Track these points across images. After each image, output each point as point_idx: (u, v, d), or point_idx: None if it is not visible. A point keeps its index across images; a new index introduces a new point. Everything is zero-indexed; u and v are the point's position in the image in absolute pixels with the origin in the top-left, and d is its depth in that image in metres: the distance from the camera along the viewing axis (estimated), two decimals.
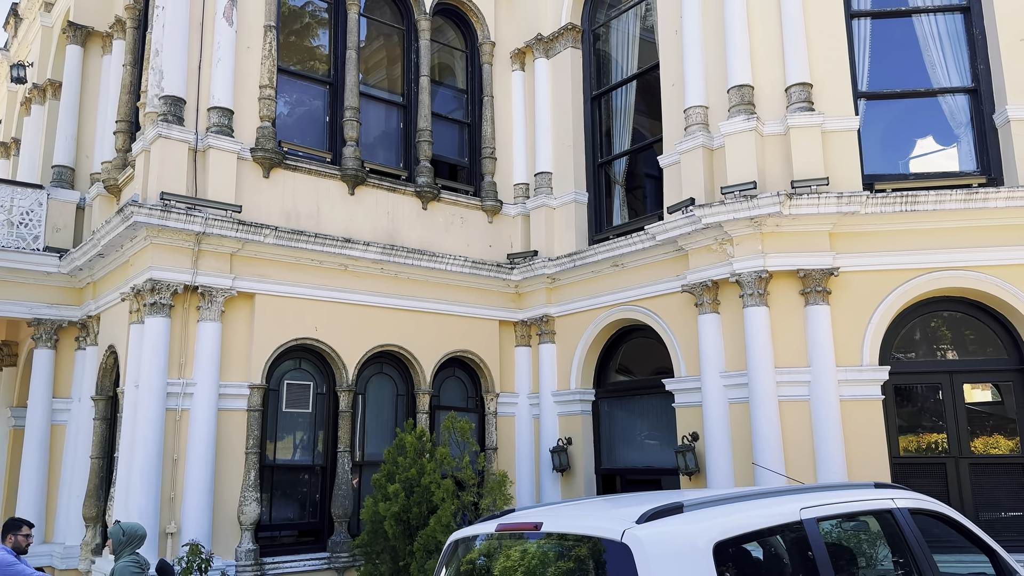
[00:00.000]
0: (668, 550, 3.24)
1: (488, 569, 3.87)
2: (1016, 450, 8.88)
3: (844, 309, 8.99)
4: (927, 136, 10.08)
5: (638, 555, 3.17)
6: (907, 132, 10.19)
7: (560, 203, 12.04)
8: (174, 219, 8.99)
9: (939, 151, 10.03)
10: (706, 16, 10.24)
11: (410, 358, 11.00)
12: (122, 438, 9.16)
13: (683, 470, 9.56)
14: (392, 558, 8.13)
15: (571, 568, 3.56)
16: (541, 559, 3.62)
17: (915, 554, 4.15)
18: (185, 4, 9.86)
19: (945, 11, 9.99)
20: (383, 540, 8.25)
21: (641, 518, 3.36)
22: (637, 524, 3.34)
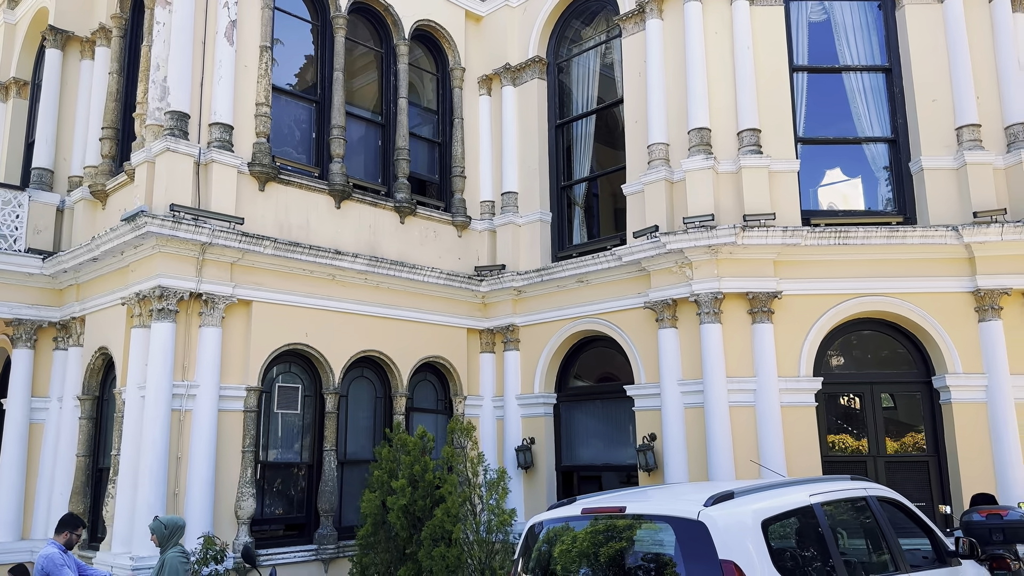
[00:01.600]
0: (731, 525, 4.32)
1: (580, 545, 4.83)
2: (922, 450, 10.49)
3: (785, 327, 10.37)
4: (855, 177, 11.65)
5: (712, 529, 4.24)
6: (838, 174, 11.72)
7: (526, 221, 13.05)
8: (184, 230, 9.52)
9: (863, 192, 11.60)
10: (667, 64, 11.47)
11: (389, 363, 11.78)
12: (125, 437, 9.59)
13: (643, 467, 10.75)
14: (395, 547, 8.93)
15: (656, 540, 4.58)
16: (628, 536, 4.63)
17: (884, 531, 5.39)
18: (189, 23, 10.35)
19: (870, 70, 11.57)
20: (385, 531, 9.04)
21: (708, 502, 4.43)
22: (706, 507, 4.40)
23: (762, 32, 11.16)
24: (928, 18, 11.19)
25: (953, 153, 10.76)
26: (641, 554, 4.62)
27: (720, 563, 4.15)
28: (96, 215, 11.53)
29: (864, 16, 11.75)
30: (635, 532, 4.69)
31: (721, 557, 4.18)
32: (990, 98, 10.92)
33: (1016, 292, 10.31)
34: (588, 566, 4.73)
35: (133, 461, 9.48)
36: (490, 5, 14.02)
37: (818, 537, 4.81)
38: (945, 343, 10.30)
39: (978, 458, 10.03)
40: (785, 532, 4.70)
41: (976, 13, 11.12)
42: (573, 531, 4.92)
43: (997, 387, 10.10)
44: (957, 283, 10.39)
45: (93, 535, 10.66)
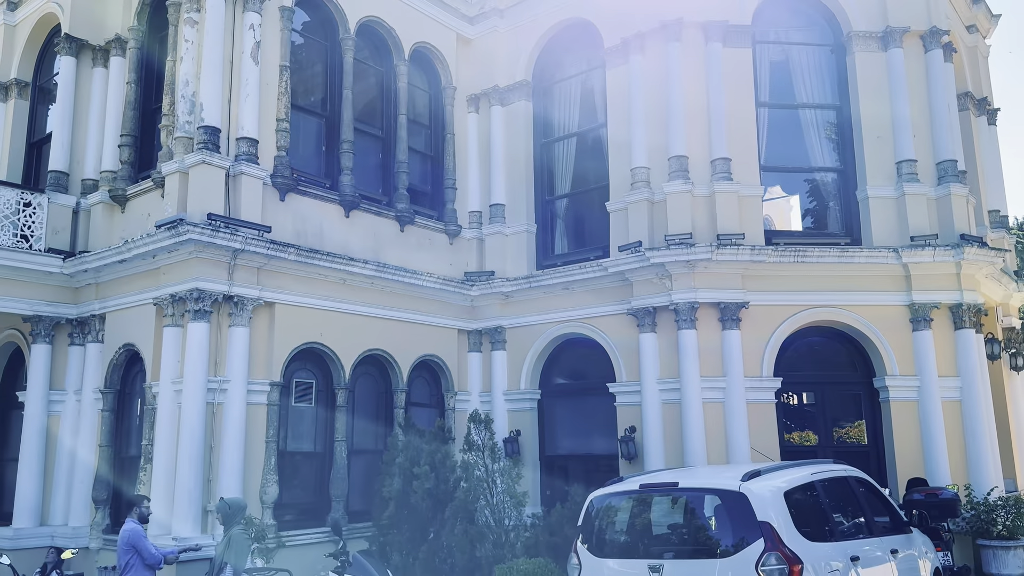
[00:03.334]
0: (764, 495, 5.63)
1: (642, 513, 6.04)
2: (864, 441, 12.13)
3: (750, 333, 11.84)
4: (810, 202, 13.21)
5: (751, 498, 5.54)
6: (792, 199, 13.27)
7: (513, 231, 14.22)
8: (220, 237, 10.34)
9: (816, 215, 13.19)
10: (648, 96, 12.78)
11: (391, 360, 12.78)
12: (158, 428, 10.35)
13: (624, 455, 12.08)
14: (418, 527, 9.98)
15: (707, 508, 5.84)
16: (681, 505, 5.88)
17: (860, 503, 6.80)
18: (219, 44, 11.12)
19: (822, 107, 13.17)
20: (407, 512, 10.09)
21: (744, 477, 5.73)
22: (743, 481, 5.70)
23: (732, 71, 12.60)
24: (874, 64, 12.82)
25: (893, 184, 12.42)
26: (693, 518, 5.87)
27: (759, 523, 5.46)
28: (114, 218, 12.15)
29: (818, 59, 13.33)
30: (686, 502, 5.95)
31: (759, 519, 5.49)
32: (924, 136, 12.62)
33: (944, 306, 12.02)
34: (649, 529, 5.95)
35: (167, 450, 10.26)
36: (479, 29, 15.10)
37: (818, 505, 6.17)
38: (885, 349, 11.94)
39: (910, 448, 11.69)
40: (797, 500, 6.00)
41: (914, 62, 12.80)
42: (633, 502, 6.14)
43: (927, 387, 11.79)
44: (896, 297, 12.04)
45: (116, 520, 11.33)
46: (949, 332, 12.06)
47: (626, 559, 5.94)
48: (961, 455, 11.71)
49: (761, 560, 5.37)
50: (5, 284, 11.56)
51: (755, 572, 5.35)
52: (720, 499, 5.78)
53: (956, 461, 11.65)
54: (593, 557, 6.14)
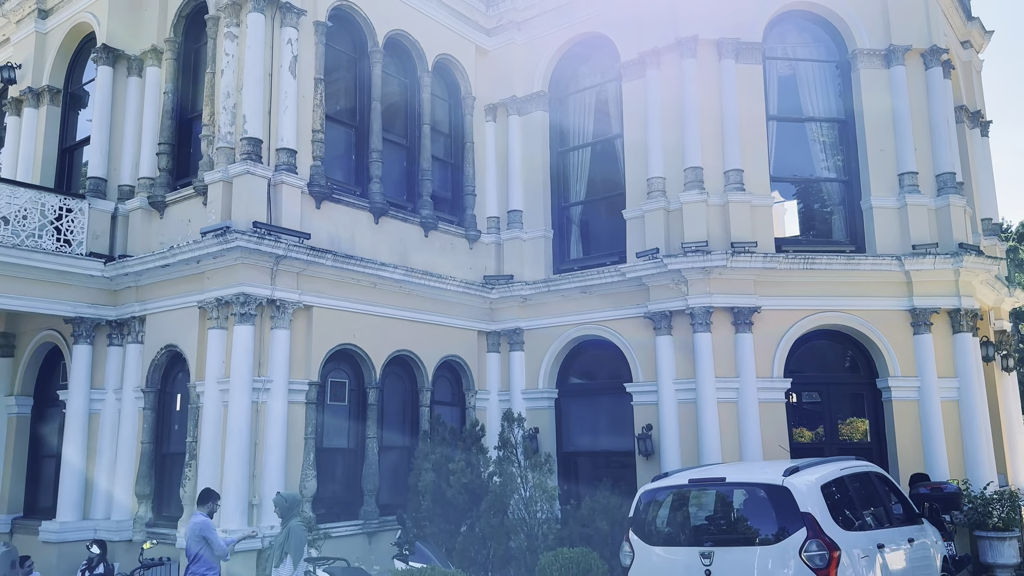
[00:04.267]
0: (804, 488, 6.26)
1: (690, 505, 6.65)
2: (867, 439, 12.82)
3: (762, 336, 12.48)
4: (816, 211, 13.88)
5: (794, 491, 6.18)
6: (800, 208, 13.92)
7: (530, 237, 14.80)
8: (265, 244, 10.85)
9: (821, 224, 13.85)
10: (664, 108, 13.39)
11: (417, 361, 13.34)
12: (204, 426, 10.85)
13: (642, 452, 12.70)
14: (453, 519, 10.55)
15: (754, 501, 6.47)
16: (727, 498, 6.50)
17: (880, 495, 7.45)
18: (260, 58, 11.61)
19: (829, 121, 13.83)
20: (442, 505, 10.66)
21: (785, 473, 6.36)
22: (785, 476, 6.33)
23: (744, 86, 13.23)
24: (877, 80, 13.49)
25: (896, 195, 13.10)
26: (739, 510, 6.49)
27: (801, 514, 6.09)
28: (153, 223, 12.61)
29: (824, 75, 14.00)
30: (732, 495, 6.58)
31: (802, 510, 6.13)
32: (925, 149, 13.31)
33: (943, 311, 12.72)
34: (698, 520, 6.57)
35: (213, 447, 10.77)
36: (497, 41, 15.66)
37: (848, 497, 6.81)
38: (887, 351, 12.62)
39: (911, 445, 12.39)
40: (831, 493, 6.64)
41: (915, 78, 13.48)
42: (681, 495, 6.75)
43: (927, 388, 12.49)
44: (898, 303, 12.73)
45: (159, 513, 11.84)
46: (948, 335, 12.76)
47: (678, 547, 6.55)
48: (959, 452, 12.42)
49: (804, 547, 6.01)
50: (49, 287, 11.99)
51: (799, 557, 5.99)
52: (765, 492, 6.40)
53: (954, 458, 12.35)
54: (646, 545, 6.75)
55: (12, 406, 13.69)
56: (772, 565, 6.10)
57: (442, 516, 10.76)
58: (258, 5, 11.66)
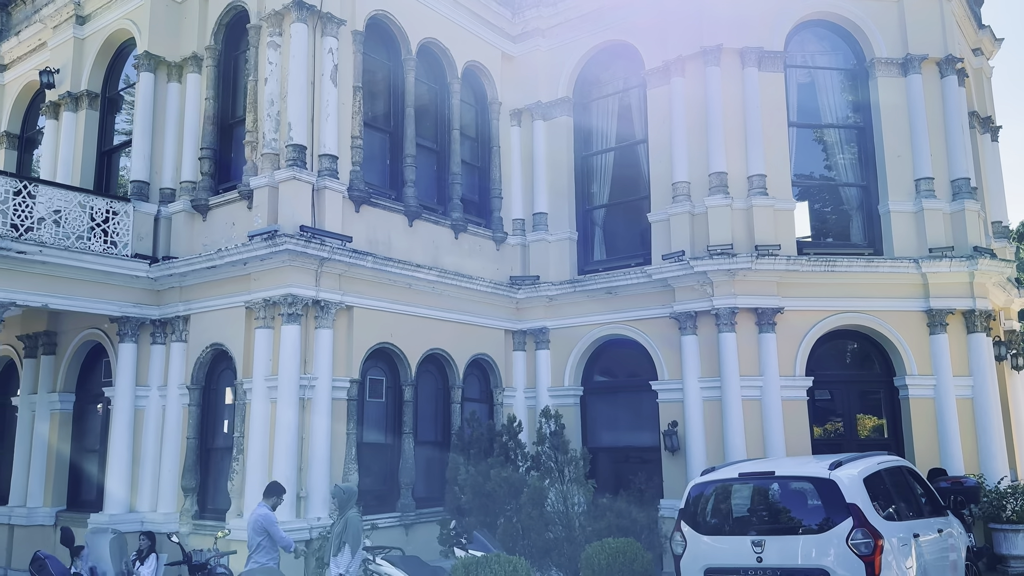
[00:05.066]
0: (849, 481, 6.72)
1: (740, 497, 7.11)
2: (884, 435, 13.30)
3: (784, 336, 12.94)
4: (834, 215, 14.33)
5: (840, 484, 6.64)
6: (820, 212, 14.37)
7: (555, 239, 15.24)
8: (312, 247, 11.28)
9: (840, 227, 14.30)
10: (688, 115, 13.82)
11: (449, 359, 13.78)
12: (252, 421, 11.28)
13: (668, 447, 13.16)
14: (491, 511, 11.00)
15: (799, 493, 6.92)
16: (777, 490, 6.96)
17: (911, 488, 7.93)
18: (303, 67, 12.02)
19: (847, 127, 14.29)
20: (481, 498, 11.10)
21: (831, 467, 6.82)
22: (831, 470, 6.78)
23: (766, 93, 13.67)
24: (894, 88, 13.95)
25: (912, 199, 13.56)
26: (787, 501, 6.96)
27: (847, 505, 6.56)
28: (195, 225, 13.02)
29: (843, 82, 14.45)
30: (781, 488, 7.04)
31: (848, 501, 6.60)
32: (940, 155, 13.77)
33: (958, 312, 13.19)
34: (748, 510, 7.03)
35: (260, 441, 11.20)
36: (522, 47, 16.08)
37: (886, 490, 7.28)
38: (904, 351, 13.10)
39: (927, 441, 12.87)
40: (871, 486, 7.10)
41: (931, 86, 13.94)
42: (731, 488, 7.21)
43: (942, 386, 12.97)
44: (915, 304, 13.20)
45: (204, 506, 12.27)
46: (962, 335, 13.24)
47: (729, 536, 7.01)
48: (973, 448, 12.91)
49: (851, 535, 6.48)
50: (96, 287, 12.39)
51: (846, 545, 6.45)
52: (813, 485, 6.86)
53: (968, 453, 12.84)
54: (697, 534, 7.21)
55: (55, 402, 14.09)
56: (820, 552, 6.56)
57: (480, 509, 11.21)
58: (301, 16, 12.06)
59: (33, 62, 16.56)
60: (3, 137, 17.03)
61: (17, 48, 16.84)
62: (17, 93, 16.96)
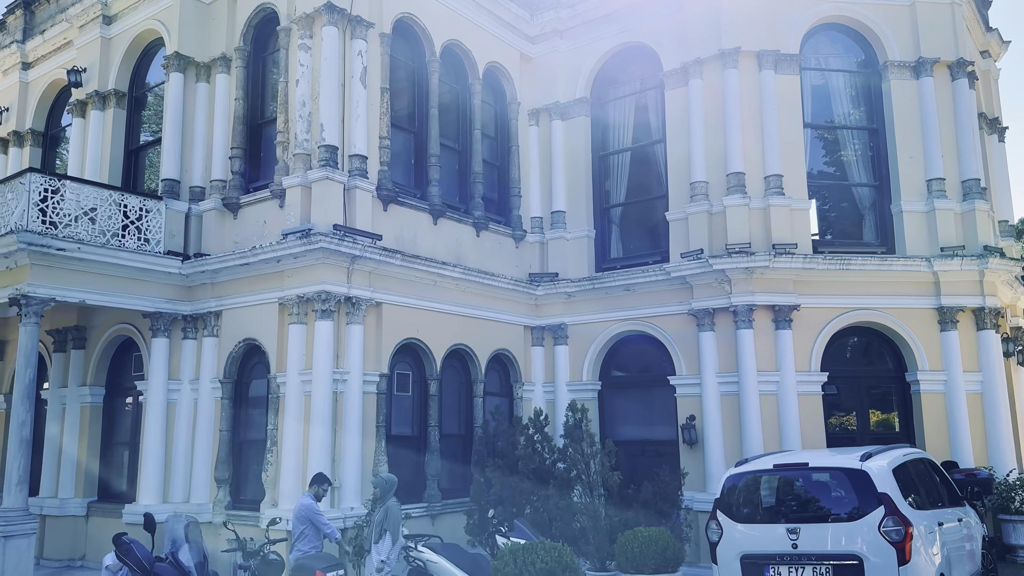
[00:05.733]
0: (880, 471, 7.09)
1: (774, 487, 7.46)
2: (896, 429, 13.68)
3: (800, 332, 13.30)
4: (847, 214, 14.68)
5: (872, 474, 7.00)
6: (834, 211, 14.72)
7: (573, 237, 15.58)
8: (345, 245, 11.60)
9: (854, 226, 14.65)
10: (706, 116, 14.15)
11: (471, 354, 14.12)
12: (287, 414, 11.62)
13: (686, 440, 13.52)
14: (518, 502, 11.36)
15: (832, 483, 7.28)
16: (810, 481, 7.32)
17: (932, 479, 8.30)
18: (335, 69, 12.31)
19: (860, 128, 14.63)
20: (509, 489, 11.45)
21: (862, 458, 7.18)
22: (862, 461, 7.15)
23: (782, 95, 14.00)
24: (907, 90, 14.29)
25: (924, 199, 13.92)
26: (820, 491, 7.32)
27: (879, 494, 6.92)
28: (226, 223, 13.32)
29: (856, 84, 14.78)
30: (814, 478, 7.40)
31: (879, 491, 6.97)
32: (951, 156, 14.13)
33: (968, 310, 13.57)
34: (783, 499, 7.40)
35: (295, 434, 11.53)
36: (540, 48, 16.38)
37: (911, 480, 7.65)
38: (916, 347, 13.47)
39: (938, 435, 13.24)
40: (899, 476, 7.46)
41: (943, 89, 14.29)
42: (766, 478, 7.57)
43: (953, 381, 13.35)
44: (926, 301, 13.56)
45: (237, 497, 12.59)
46: (972, 332, 13.63)
47: (765, 524, 7.38)
48: (982, 441, 13.30)
49: (882, 523, 6.85)
50: (130, 283, 12.69)
51: (878, 532, 6.82)
52: (845, 475, 7.23)
53: (977, 447, 13.24)
54: (733, 523, 7.57)
55: (85, 396, 14.39)
56: (853, 539, 6.93)
57: (508, 499, 11.56)
58: (332, 19, 12.34)
59: (58, 60, 16.82)
60: (28, 134, 17.28)
61: (42, 47, 17.07)
62: (42, 91, 17.19)
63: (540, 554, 7.76)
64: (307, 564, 7.13)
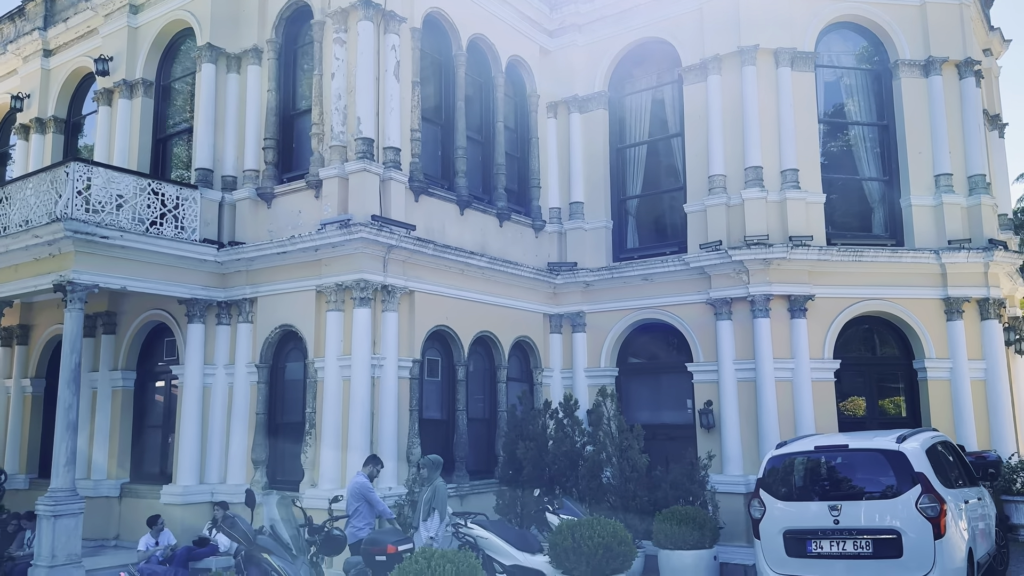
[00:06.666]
0: (915, 452, 7.63)
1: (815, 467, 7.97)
2: (903, 414, 14.29)
3: (814, 321, 13.84)
4: (858, 208, 15.20)
5: (908, 455, 7.53)
6: (845, 204, 15.24)
7: (591, 227, 16.03)
8: (383, 235, 11.98)
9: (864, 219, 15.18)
10: (725, 112, 14.61)
11: (495, 341, 14.56)
12: (326, 398, 12.03)
13: (703, 425, 14.06)
14: (549, 482, 11.87)
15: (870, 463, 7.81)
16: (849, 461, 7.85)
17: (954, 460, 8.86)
18: (370, 63, 12.66)
19: (871, 124, 15.15)
20: (539, 470, 11.95)
21: (898, 440, 7.71)
22: (898, 443, 7.68)
23: (798, 92, 14.47)
24: (916, 88, 14.80)
25: (932, 194, 14.48)
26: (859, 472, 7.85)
27: (915, 473, 7.46)
28: (259, 212, 13.64)
29: (868, 82, 15.29)
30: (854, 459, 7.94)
31: (916, 470, 7.51)
32: (958, 152, 14.69)
33: (973, 300, 14.16)
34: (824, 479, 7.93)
35: (334, 417, 11.95)
36: (559, 42, 16.75)
37: (939, 461, 8.21)
38: (923, 336, 14.05)
39: (944, 420, 13.84)
40: (931, 457, 8.00)
41: (951, 87, 14.82)
42: (806, 459, 8.09)
43: (958, 369, 13.95)
44: (934, 292, 14.14)
45: (273, 478, 13.00)
46: (976, 322, 14.23)
47: (807, 501, 7.91)
48: (985, 426, 13.93)
49: (919, 500, 7.39)
50: (168, 270, 13.01)
51: (914, 509, 7.37)
52: (883, 456, 7.76)
53: (981, 431, 13.86)
54: (775, 500, 8.09)
55: (117, 380, 14.70)
56: (892, 515, 7.48)
57: (537, 480, 12.05)
58: (367, 13, 12.66)
59: (81, 48, 16.99)
60: (51, 121, 17.44)
61: (64, 34, 17.21)
62: (64, 78, 17.35)
63: (596, 529, 8.24)
64: (380, 538, 7.57)
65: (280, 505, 7.96)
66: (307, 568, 7.45)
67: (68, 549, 11.28)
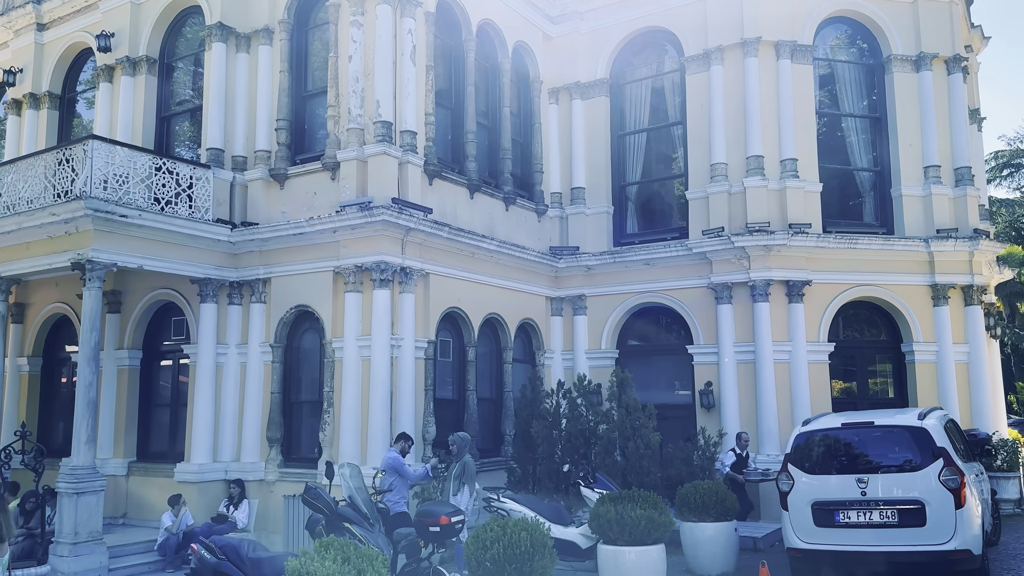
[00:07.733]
0: (935, 428, 8.17)
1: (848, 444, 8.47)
2: (890, 394, 14.99)
3: (811, 306, 14.42)
4: (851, 197, 15.80)
5: (930, 430, 8.06)
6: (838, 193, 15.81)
7: (593, 212, 16.38)
8: (402, 218, 12.19)
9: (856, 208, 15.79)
10: (727, 102, 15.04)
11: (502, 322, 14.87)
12: (345, 378, 12.24)
13: (703, 405, 14.59)
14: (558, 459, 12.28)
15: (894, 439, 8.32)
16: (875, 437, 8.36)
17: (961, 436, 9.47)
18: (388, 47, 12.79)
19: (864, 117, 15.72)
20: (552, 448, 12.35)
21: (919, 417, 8.25)
22: (920, 420, 8.22)
23: (797, 84, 14.96)
24: (908, 83, 15.39)
25: (922, 185, 15.11)
26: (884, 445, 8.37)
27: (937, 448, 8.01)
28: (272, 193, 13.71)
29: (861, 76, 15.84)
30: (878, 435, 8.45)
31: (938, 445, 8.05)
32: (945, 145, 15.34)
33: (959, 287, 14.87)
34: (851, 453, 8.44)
35: (352, 396, 12.18)
36: (561, 29, 17.00)
37: (951, 435, 8.79)
38: (912, 320, 14.72)
39: (929, 400, 14.52)
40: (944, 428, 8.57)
41: (940, 82, 15.45)
42: (836, 435, 8.60)
43: (944, 352, 14.66)
44: (922, 279, 14.81)
45: (288, 456, 13.18)
46: (960, 307, 14.95)
47: (835, 475, 8.41)
48: (968, 406, 14.68)
49: (941, 473, 7.94)
50: (181, 250, 13.03)
51: (937, 481, 7.92)
52: (907, 432, 8.30)
53: (964, 411, 14.60)
54: (804, 474, 8.58)
55: (123, 359, 14.68)
56: (916, 487, 8.03)
57: (549, 458, 12.45)
58: None
59: (78, 23, 16.73)
60: (45, 97, 17.17)
61: (59, 8, 16.91)
62: (60, 53, 17.06)
63: (638, 500, 8.65)
64: (433, 510, 7.85)
65: (354, 476, 8.19)
66: (384, 537, 7.71)
67: (90, 526, 11.36)
